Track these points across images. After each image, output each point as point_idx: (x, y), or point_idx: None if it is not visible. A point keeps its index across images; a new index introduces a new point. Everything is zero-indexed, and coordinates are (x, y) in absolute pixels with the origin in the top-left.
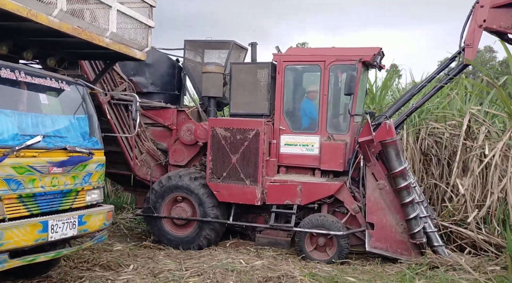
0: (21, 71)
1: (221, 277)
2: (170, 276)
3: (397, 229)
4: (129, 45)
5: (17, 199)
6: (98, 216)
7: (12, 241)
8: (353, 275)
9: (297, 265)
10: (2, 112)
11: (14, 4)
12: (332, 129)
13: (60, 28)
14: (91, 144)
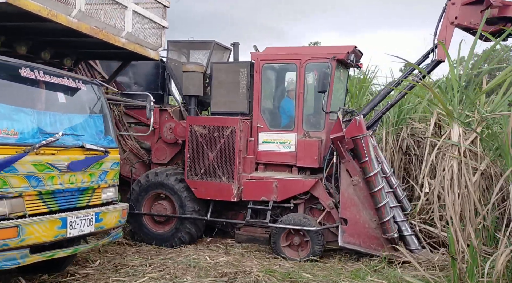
0: (40, 70)
1: (181, 272)
2: (131, 271)
3: (371, 224)
4: (144, 45)
5: (37, 195)
6: (113, 213)
7: (32, 236)
8: (310, 272)
9: (261, 261)
10: (22, 111)
11: (35, 4)
12: (308, 126)
13: (78, 28)
14: (106, 143)
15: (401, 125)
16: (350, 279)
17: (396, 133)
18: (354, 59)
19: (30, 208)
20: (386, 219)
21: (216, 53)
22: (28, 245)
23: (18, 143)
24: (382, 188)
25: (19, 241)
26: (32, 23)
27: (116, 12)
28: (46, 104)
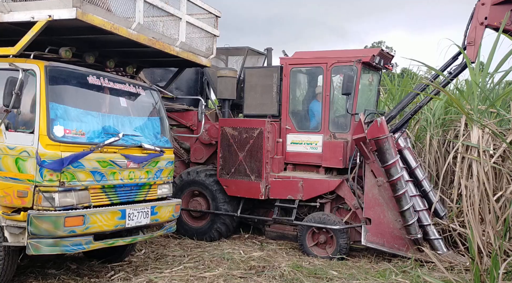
0: (105, 77)
1: (215, 264)
2: (170, 261)
3: (395, 225)
4: (196, 53)
5: (100, 189)
6: (168, 208)
7: (96, 225)
8: (337, 269)
9: (292, 258)
10: (89, 114)
11: (100, 19)
12: (334, 128)
13: (137, 40)
14: (162, 143)
15: (448, 128)
16: (375, 278)
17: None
18: (381, 62)
19: (95, 200)
20: (410, 223)
21: (251, 58)
22: (92, 232)
23: (85, 142)
24: (405, 192)
25: (84, 228)
26: (98, 35)
27: (171, 23)
28: (110, 108)
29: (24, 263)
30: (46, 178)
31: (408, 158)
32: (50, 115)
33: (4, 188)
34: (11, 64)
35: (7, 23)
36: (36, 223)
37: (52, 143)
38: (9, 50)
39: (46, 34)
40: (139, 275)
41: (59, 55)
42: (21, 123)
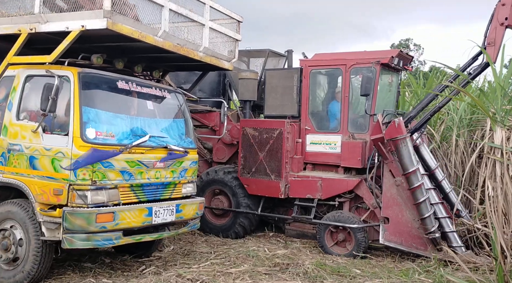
0: (133, 82)
1: (240, 261)
2: (198, 257)
3: (413, 224)
4: (219, 57)
5: (128, 188)
6: (192, 206)
7: (125, 221)
8: (360, 268)
9: (316, 256)
10: (118, 116)
11: (128, 28)
12: (353, 128)
13: (163, 46)
14: (186, 144)
15: (474, 128)
16: (398, 277)
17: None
18: (400, 63)
19: (123, 198)
20: (426, 215)
21: (272, 60)
22: (121, 228)
23: (115, 143)
24: (421, 185)
25: (114, 224)
26: (126, 43)
27: (195, 29)
28: (138, 111)
29: (61, 257)
30: (79, 177)
31: (425, 156)
32: (83, 118)
33: (42, 186)
34: (47, 71)
35: (44, 32)
36: (70, 219)
37: (84, 145)
38: (46, 58)
39: (79, 42)
40: (168, 270)
41: (91, 62)
42: (56, 126)
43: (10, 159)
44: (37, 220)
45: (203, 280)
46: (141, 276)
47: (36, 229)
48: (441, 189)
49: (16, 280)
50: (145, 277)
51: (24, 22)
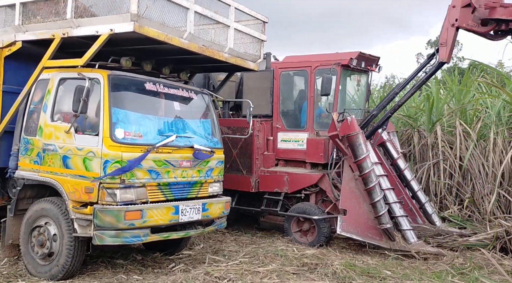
0: (161, 84)
1: (269, 260)
2: (227, 255)
3: (370, 216)
4: (244, 58)
5: (156, 186)
6: (218, 205)
7: (152, 219)
8: (391, 269)
9: (345, 257)
10: (146, 117)
11: (155, 31)
12: (318, 126)
13: (189, 48)
14: (212, 144)
15: None
16: (430, 280)
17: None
18: (362, 64)
19: (151, 196)
20: (380, 214)
21: None
22: (149, 226)
23: (143, 143)
24: (371, 171)
25: (142, 222)
26: (153, 45)
27: (220, 31)
28: (165, 111)
29: (95, 254)
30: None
31: (391, 149)
32: (112, 119)
33: (74, 185)
34: (79, 73)
35: (76, 37)
36: (101, 216)
37: (114, 145)
38: (78, 62)
39: (109, 46)
40: (197, 267)
41: (120, 65)
42: (87, 127)
43: (45, 159)
44: (69, 217)
45: (231, 278)
46: (170, 273)
47: (69, 225)
48: (411, 188)
49: (51, 274)
50: (174, 274)
51: (57, 27)
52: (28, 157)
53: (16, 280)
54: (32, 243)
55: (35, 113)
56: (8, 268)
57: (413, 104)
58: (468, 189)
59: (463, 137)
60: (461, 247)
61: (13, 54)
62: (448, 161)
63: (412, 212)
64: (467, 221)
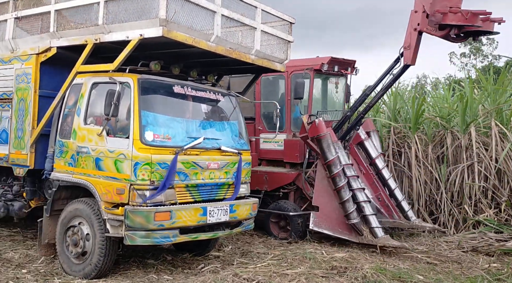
0: (188, 86)
1: (297, 262)
2: (255, 257)
3: (340, 212)
4: (271, 60)
5: (184, 188)
6: (245, 206)
7: (181, 220)
8: (423, 274)
9: (375, 260)
10: (175, 120)
11: (183, 35)
12: (294, 128)
13: (216, 51)
14: (239, 145)
15: None
16: None
17: None
18: (335, 68)
19: (180, 198)
20: (349, 212)
21: None
22: (177, 227)
23: (171, 145)
24: (339, 172)
25: (171, 223)
26: (181, 49)
27: (247, 33)
28: (193, 114)
29: (127, 253)
30: (139, 177)
31: (369, 148)
32: (142, 122)
33: (106, 186)
34: (110, 78)
35: (107, 42)
36: (131, 217)
37: (143, 147)
38: (109, 66)
39: (139, 50)
40: (226, 269)
41: (149, 68)
42: (118, 129)
43: (78, 161)
44: (102, 217)
45: (259, 280)
46: (199, 274)
47: (101, 225)
48: (388, 186)
49: (85, 272)
50: (203, 275)
51: (90, 33)
52: (63, 159)
53: (52, 278)
54: (66, 242)
55: (69, 116)
56: (45, 266)
57: (446, 105)
58: (504, 192)
59: (499, 138)
60: (497, 252)
61: (48, 60)
62: (483, 163)
63: (389, 209)
64: (504, 225)
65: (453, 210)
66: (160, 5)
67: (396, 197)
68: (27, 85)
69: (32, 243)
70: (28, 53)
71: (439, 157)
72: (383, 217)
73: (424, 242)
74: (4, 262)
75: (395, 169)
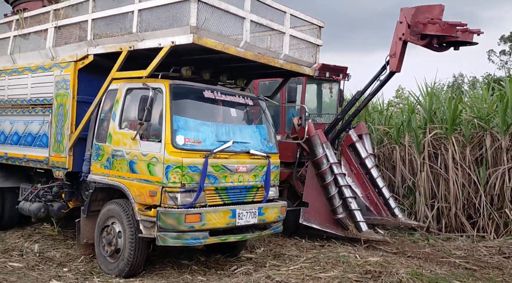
0: (218, 91)
1: (330, 266)
2: (287, 259)
3: (328, 208)
4: (299, 64)
5: (214, 190)
6: (274, 209)
7: (210, 222)
8: (462, 280)
9: (411, 265)
10: (205, 124)
11: (212, 41)
12: (288, 129)
13: (245, 56)
14: (268, 149)
15: None
16: None
17: None
18: (325, 74)
19: (209, 200)
20: (335, 206)
21: None
22: (207, 228)
23: (201, 149)
24: (327, 169)
25: (201, 225)
26: (211, 55)
27: (276, 38)
28: (222, 118)
29: (161, 253)
30: (170, 180)
31: (360, 150)
32: (173, 126)
33: (139, 188)
34: (144, 84)
35: (141, 49)
36: (163, 218)
37: (175, 151)
38: (142, 73)
39: (170, 57)
40: (258, 271)
41: (181, 74)
42: (151, 134)
43: (114, 164)
44: (134, 218)
45: None
46: (232, 275)
47: (130, 222)
48: (376, 185)
49: (119, 268)
50: (236, 277)
51: (124, 41)
52: (99, 162)
53: (92, 277)
54: (102, 243)
55: (105, 121)
56: (84, 265)
57: (484, 105)
58: None
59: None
60: None
61: (85, 67)
62: None
63: (377, 206)
64: None
65: (493, 214)
66: (191, 12)
67: (383, 195)
68: (66, 91)
69: (72, 242)
70: (67, 60)
71: (478, 159)
72: (372, 215)
73: (462, 246)
74: (46, 260)
75: (431, 171)
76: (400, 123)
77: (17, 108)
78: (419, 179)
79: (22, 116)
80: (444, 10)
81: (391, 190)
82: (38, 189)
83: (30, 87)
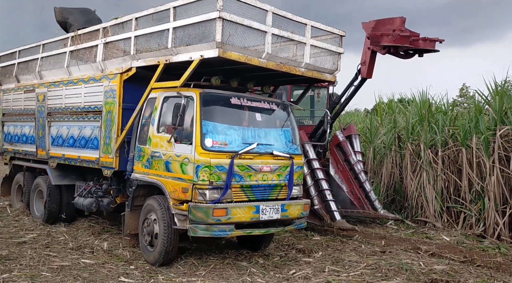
0: (244, 98)
1: (393, 273)
2: (346, 265)
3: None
4: (321, 71)
5: (239, 188)
6: (296, 206)
7: (236, 216)
8: None
9: (482, 275)
10: (231, 128)
11: (236, 54)
12: None
13: (267, 66)
14: (291, 150)
15: None
16: None
17: None
18: None
19: (235, 197)
20: (311, 197)
21: None
22: (233, 222)
23: (227, 150)
24: (307, 175)
25: (227, 218)
26: (237, 65)
27: (297, 47)
28: (248, 122)
29: (221, 255)
30: (200, 178)
31: (345, 148)
32: (203, 130)
33: (174, 185)
34: (178, 93)
35: (175, 62)
36: (194, 212)
37: (204, 152)
38: (176, 83)
39: (202, 67)
40: (317, 275)
41: (211, 83)
42: (184, 137)
43: (152, 164)
44: (170, 212)
45: None
46: (291, 278)
47: (163, 215)
48: (358, 179)
49: (155, 256)
50: (295, 280)
51: (161, 55)
52: (141, 162)
53: (156, 275)
54: (144, 234)
55: (145, 126)
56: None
57: None
58: None
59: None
60: None
61: (129, 78)
62: None
63: (360, 201)
64: None
65: None
66: (217, 30)
67: (364, 189)
68: (113, 100)
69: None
70: (114, 72)
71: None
72: (355, 208)
73: None
74: (115, 258)
75: (502, 175)
76: (467, 124)
77: (72, 115)
78: (488, 184)
79: (77, 122)
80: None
81: (456, 195)
82: (90, 186)
83: (83, 96)
